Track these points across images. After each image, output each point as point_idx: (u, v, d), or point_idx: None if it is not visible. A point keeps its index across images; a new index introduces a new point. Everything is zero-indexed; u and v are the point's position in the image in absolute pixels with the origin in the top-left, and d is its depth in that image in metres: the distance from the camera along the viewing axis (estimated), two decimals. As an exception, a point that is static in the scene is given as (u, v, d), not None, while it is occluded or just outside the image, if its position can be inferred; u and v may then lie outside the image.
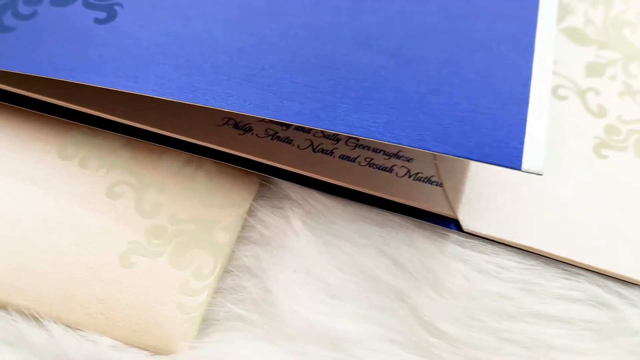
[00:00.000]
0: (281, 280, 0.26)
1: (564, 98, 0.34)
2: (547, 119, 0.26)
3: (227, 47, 0.29)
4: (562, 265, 0.28)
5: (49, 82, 0.28)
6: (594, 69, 0.35)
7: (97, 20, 0.30)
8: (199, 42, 0.29)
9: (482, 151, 0.25)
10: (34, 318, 0.25)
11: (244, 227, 0.28)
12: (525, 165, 0.24)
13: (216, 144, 0.30)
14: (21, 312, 0.25)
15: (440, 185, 0.30)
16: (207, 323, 0.26)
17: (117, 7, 0.31)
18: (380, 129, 0.26)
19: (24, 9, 0.31)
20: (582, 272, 0.28)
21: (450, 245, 0.28)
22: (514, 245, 0.29)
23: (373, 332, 0.25)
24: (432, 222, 0.29)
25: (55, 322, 0.25)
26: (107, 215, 0.28)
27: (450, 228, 0.29)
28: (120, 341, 0.25)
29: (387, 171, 0.30)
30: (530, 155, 0.25)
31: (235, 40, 0.29)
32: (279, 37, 0.29)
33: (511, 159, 0.25)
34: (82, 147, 0.30)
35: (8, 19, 0.31)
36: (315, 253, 0.27)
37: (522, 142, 0.25)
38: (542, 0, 0.30)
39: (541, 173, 0.24)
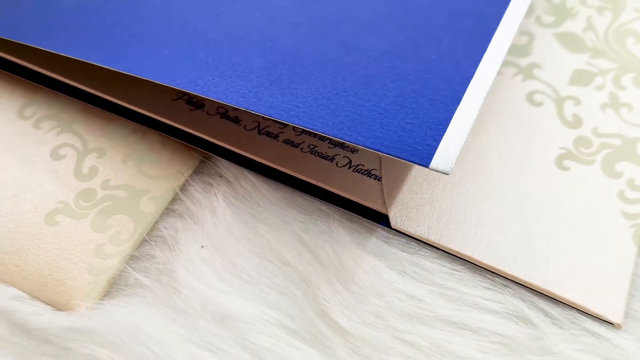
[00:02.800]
0: (188, 254, 0.26)
1: (539, 104, 0.33)
2: (472, 123, 0.25)
3: (181, 23, 0.29)
4: (490, 275, 0.27)
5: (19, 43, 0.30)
6: (580, 77, 0.34)
7: None
8: (151, 10, 0.30)
9: (394, 145, 0.24)
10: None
11: (173, 200, 0.29)
12: (434, 163, 0.23)
13: (165, 118, 0.30)
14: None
15: (379, 179, 0.29)
16: (112, 287, 0.26)
17: None
18: (300, 113, 0.25)
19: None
20: (510, 284, 0.27)
21: (374, 241, 0.28)
22: (441, 249, 0.28)
23: (268, 316, 0.25)
24: (362, 216, 0.28)
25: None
26: (46, 174, 0.29)
27: (380, 224, 0.28)
28: (27, 294, 0.26)
29: (329, 160, 0.30)
30: (443, 154, 0.24)
31: (189, 13, 0.30)
32: (232, 17, 0.29)
33: (421, 155, 0.24)
34: (41, 109, 0.31)
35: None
36: (229, 232, 0.27)
37: (437, 140, 0.24)
38: (512, 2, 0.29)
39: (448, 173, 0.23)
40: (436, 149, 0.24)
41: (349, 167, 0.29)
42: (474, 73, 0.27)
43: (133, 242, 0.27)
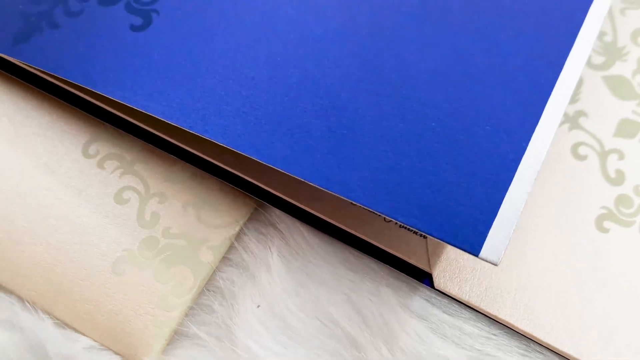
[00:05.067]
0: (245, 313, 0.28)
1: (583, 158, 0.33)
2: (522, 208, 0.26)
3: (240, 75, 0.30)
4: (526, 341, 0.29)
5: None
6: (625, 128, 0.34)
7: (133, 27, 0.32)
8: (216, 64, 0.30)
9: (445, 228, 0.25)
10: (30, 307, 0.29)
11: (228, 249, 0.31)
12: (483, 252, 0.25)
13: (223, 163, 0.32)
14: (21, 299, 0.29)
15: (425, 237, 0.30)
16: (173, 339, 0.29)
17: (153, 14, 0.33)
18: (356, 188, 0.27)
19: (74, 5, 0.34)
20: (544, 351, 0.29)
21: (418, 301, 0.29)
22: (481, 312, 0.29)
23: (319, 378, 0.27)
24: (406, 274, 0.30)
25: (46, 314, 0.29)
26: (111, 219, 0.31)
27: (423, 283, 0.30)
28: (99, 342, 0.28)
29: (377, 215, 0.31)
30: (492, 242, 0.25)
31: (249, 68, 0.30)
32: (290, 71, 0.30)
33: (471, 243, 0.25)
34: (104, 147, 0.32)
35: (58, 15, 0.34)
36: (283, 290, 0.29)
37: (488, 227, 0.25)
38: (561, 78, 0.29)
39: (497, 264, 0.24)
40: (486, 236, 0.25)
41: (396, 223, 0.31)
42: (525, 148, 0.27)
43: (193, 293, 0.29)
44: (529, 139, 0.28)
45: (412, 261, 0.30)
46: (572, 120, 0.34)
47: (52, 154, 0.32)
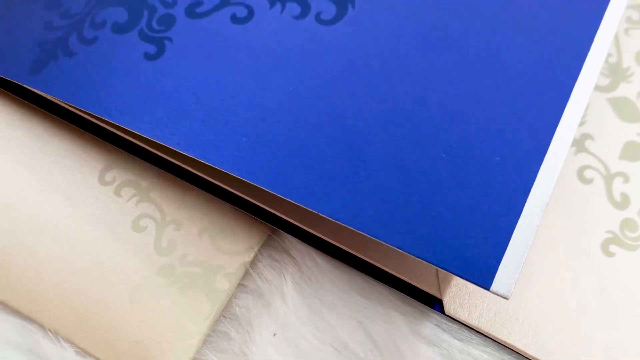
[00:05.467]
0: (261, 340, 0.29)
1: (589, 181, 0.34)
2: (531, 241, 0.26)
3: (255, 106, 0.30)
4: (534, 364, 0.30)
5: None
6: (630, 151, 0.35)
7: (147, 55, 0.33)
8: (230, 95, 0.31)
9: (455, 262, 0.26)
10: (52, 335, 0.30)
11: (243, 275, 0.31)
12: (494, 286, 0.25)
13: (238, 190, 0.32)
14: (42, 327, 0.30)
15: (435, 263, 0.31)
16: (192, 365, 0.29)
17: (166, 42, 0.33)
18: (367, 220, 0.27)
19: (88, 32, 0.34)
20: (551, 373, 0.30)
21: (428, 326, 0.30)
22: (490, 337, 0.30)
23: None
24: (417, 300, 0.31)
25: (68, 343, 0.29)
26: (128, 247, 0.31)
27: (434, 309, 0.31)
28: (120, 370, 0.29)
29: (388, 241, 0.32)
30: (502, 276, 0.26)
31: (264, 98, 0.31)
32: (304, 102, 0.31)
33: (482, 277, 0.26)
34: (120, 174, 0.33)
35: (73, 43, 0.34)
36: (297, 318, 0.30)
37: (498, 260, 0.26)
38: (569, 107, 0.30)
39: (508, 298, 0.25)
40: (497, 269, 0.26)
41: (407, 250, 0.31)
42: (534, 179, 0.28)
43: (210, 321, 0.30)
44: (537, 170, 0.28)
45: (423, 287, 0.31)
46: (578, 143, 0.35)
47: (70, 182, 0.33)
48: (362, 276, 0.31)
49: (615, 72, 0.37)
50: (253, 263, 0.32)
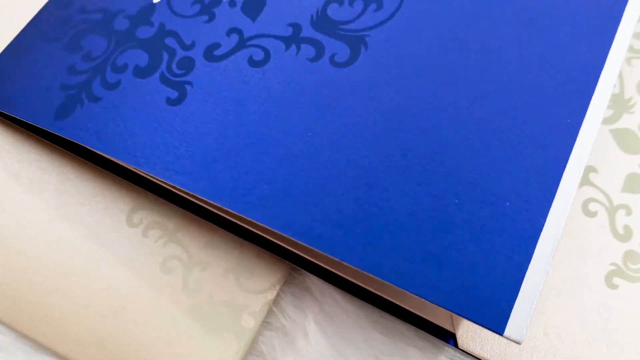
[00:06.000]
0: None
1: (593, 214, 0.36)
2: (542, 286, 0.28)
3: (277, 153, 0.31)
4: (542, 393, 0.32)
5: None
6: (632, 183, 0.36)
7: (169, 101, 0.34)
8: (251, 141, 0.32)
9: (467, 306, 0.27)
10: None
11: (267, 313, 0.33)
12: (507, 331, 0.27)
13: (260, 231, 0.34)
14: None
15: (448, 299, 0.33)
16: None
17: (187, 86, 0.34)
18: (380, 266, 0.28)
19: (111, 77, 0.35)
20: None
21: (443, 360, 0.32)
22: (501, 369, 0.32)
23: None
24: (432, 334, 0.33)
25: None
26: (158, 289, 0.33)
27: (448, 343, 0.33)
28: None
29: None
30: (515, 321, 0.27)
31: (284, 145, 0.32)
32: (324, 152, 0.32)
33: (495, 322, 0.27)
34: (147, 215, 0.35)
35: (96, 87, 0.35)
36: (320, 355, 0.31)
37: (511, 305, 0.27)
38: (575, 149, 0.31)
39: (520, 343, 0.27)
40: (509, 315, 0.27)
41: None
42: (543, 224, 0.29)
43: (238, 359, 0.32)
44: (546, 216, 0.29)
45: (437, 322, 0.33)
46: (582, 176, 0.36)
47: (99, 224, 0.34)
48: (379, 312, 0.33)
49: (618, 103, 0.38)
50: (276, 301, 0.33)
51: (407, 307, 0.33)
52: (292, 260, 0.34)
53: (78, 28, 0.38)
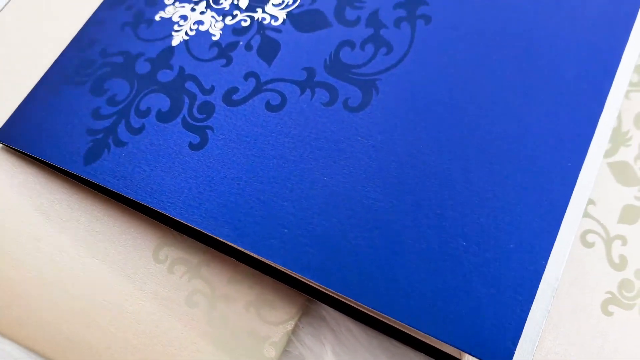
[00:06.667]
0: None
1: (591, 245, 0.38)
2: (543, 326, 0.30)
3: (294, 198, 0.33)
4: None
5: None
6: (628, 214, 0.38)
7: (192, 146, 0.36)
8: (271, 186, 0.33)
9: (473, 343, 0.29)
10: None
11: (287, 342, 0.36)
12: (512, 368, 0.29)
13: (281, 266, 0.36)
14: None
15: (456, 328, 0.35)
16: None
17: (208, 131, 0.36)
18: (385, 304, 0.30)
19: (135, 121, 0.37)
20: None
21: (451, 387, 0.34)
22: (505, 394, 0.35)
23: None
24: (440, 361, 0.35)
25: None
26: (184, 323, 0.35)
27: (455, 369, 0.35)
28: None
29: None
30: (520, 357, 0.29)
31: (302, 189, 0.33)
32: (340, 196, 0.33)
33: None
34: (172, 252, 0.37)
35: (122, 132, 0.37)
36: (338, 385, 0.34)
37: (515, 343, 0.30)
38: (577, 189, 0.31)
39: (522, 378, 0.29)
40: (514, 352, 0.29)
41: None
42: (545, 266, 0.30)
43: (261, 389, 0.34)
44: (548, 257, 0.30)
45: (445, 349, 0.35)
46: (580, 208, 0.39)
47: (127, 261, 0.36)
48: (390, 340, 0.35)
49: (616, 137, 0.40)
50: (294, 330, 0.36)
51: (417, 336, 0.35)
52: (308, 292, 0.36)
53: (101, 71, 0.40)
